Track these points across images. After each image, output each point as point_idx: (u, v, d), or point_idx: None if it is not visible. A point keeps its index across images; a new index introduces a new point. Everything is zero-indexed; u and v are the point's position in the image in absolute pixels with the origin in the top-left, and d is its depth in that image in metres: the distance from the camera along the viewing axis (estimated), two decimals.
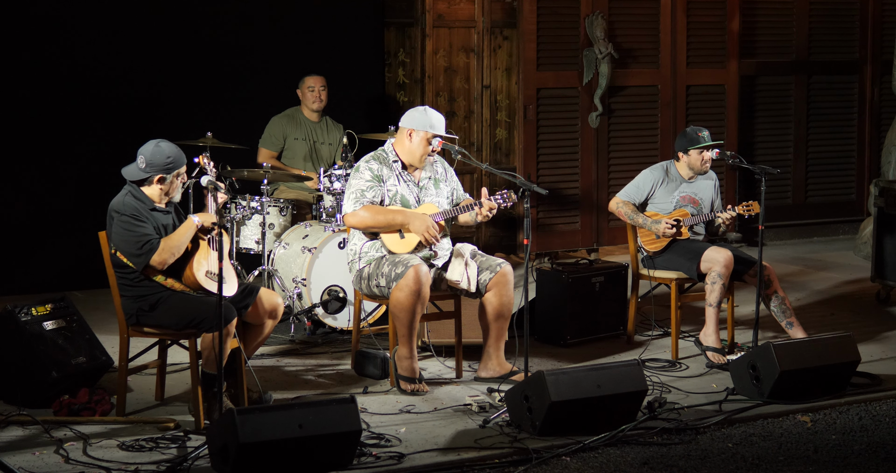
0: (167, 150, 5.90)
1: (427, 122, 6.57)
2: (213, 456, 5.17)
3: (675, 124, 10.38)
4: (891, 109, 11.16)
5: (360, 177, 6.57)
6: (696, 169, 7.31)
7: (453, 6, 9.80)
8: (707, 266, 7.06)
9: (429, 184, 6.69)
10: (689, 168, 7.31)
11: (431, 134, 6.56)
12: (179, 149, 5.97)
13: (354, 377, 6.75)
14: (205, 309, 5.75)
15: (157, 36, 8.82)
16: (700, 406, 6.20)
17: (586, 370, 5.85)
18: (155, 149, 5.89)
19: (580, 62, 10.01)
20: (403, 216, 6.48)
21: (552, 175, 10.01)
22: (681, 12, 10.33)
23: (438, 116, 6.63)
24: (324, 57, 9.21)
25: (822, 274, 9.68)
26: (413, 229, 6.47)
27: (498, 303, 6.54)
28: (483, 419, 5.92)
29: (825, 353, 6.36)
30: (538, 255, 9.96)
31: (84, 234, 7.39)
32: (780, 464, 5.48)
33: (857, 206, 11.40)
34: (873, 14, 11.28)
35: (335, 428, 5.20)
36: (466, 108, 9.93)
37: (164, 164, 5.88)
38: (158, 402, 6.24)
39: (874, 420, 6.12)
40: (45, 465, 5.29)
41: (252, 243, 7.81)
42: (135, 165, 5.91)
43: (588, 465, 5.43)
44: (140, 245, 5.77)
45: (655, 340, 7.58)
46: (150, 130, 8.57)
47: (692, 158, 7.28)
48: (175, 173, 5.93)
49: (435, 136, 6.56)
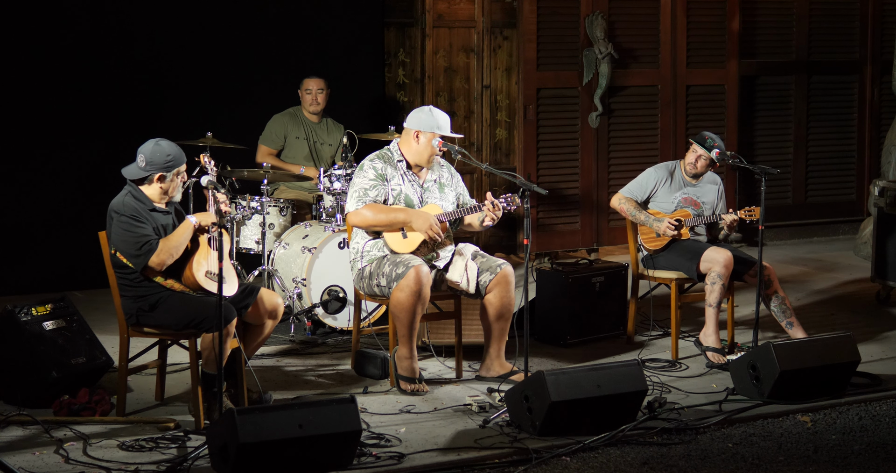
0: (167, 148, 5.89)
1: (434, 123, 6.56)
2: (213, 456, 5.17)
3: (675, 124, 10.38)
4: (891, 109, 11.16)
5: (364, 176, 6.56)
6: (686, 161, 7.32)
7: (453, 6, 9.80)
8: (707, 266, 7.06)
9: (433, 187, 6.68)
10: (686, 164, 7.33)
11: (439, 135, 6.56)
12: (179, 148, 5.96)
13: (354, 377, 6.75)
14: (205, 309, 5.75)
15: (157, 36, 8.82)
16: (700, 406, 6.20)
17: (586, 370, 5.85)
18: (155, 147, 5.88)
19: (580, 62, 10.01)
20: (406, 215, 6.47)
21: (552, 175, 10.01)
22: (681, 12, 10.33)
23: (444, 116, 6.62)
24: (324, 57, 9.21)
25: (821, 274, 9.68)
26: (416, 226, 6.46)
27: (499, 304, 6.54)
28: (483, 419, 5.92)
29: (825, 353, 6.36)
30: (538, 255, 9.96)
31: (84, 234, 7.39)
32: (780, 464, 5.48)
33: (857, 206, 11.39)
34: (873, 14, 11.27)
35: (335, 428, 5.20)
36: (466, 108, 9.93)
37: (164, 162, 5.87)
38: (158, 402, 6.24)
39: (874, 420, 6.12)
40: (45, 465, 5.29)
41: (252, 243, 7.81)
42: (135, 165, 5.91)
43: (588, 465, 5.43)
44: (139, 246, 5.77)
45: (655, 340, 7.58)
46: (150, 129, 8.56)
47: (688, 154, 7.31)
48: (175, 172, 5.92)
49: (443, 137, 6.56)
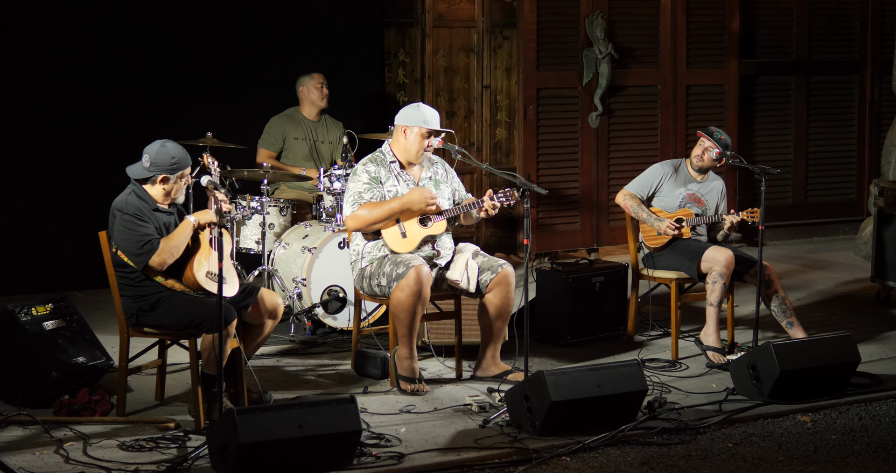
0: (172, 150, 5.89)
1: (420, 117, 6.58)
2: (213, 456, 5.17)
3: (675, 124, 10.38)
4: (891, 109, 11.15)
5: (358, 180, 6.57)
6: (693, 154, 7.33)
7: (453, 6, 9.80)
8: (708, 266, 7.06)
9: (428, 184, 6.69)
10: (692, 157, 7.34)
11: (426, 129, 6.57)
12: (185, 151, 5.95)
13: (354, 377, 6.75)
14: (205, 310, 5.74)
15: (157, 35, 8.81)
16: (700, 406, 6.20)
17: (586, 370, 5.85)
18: (160, 149, 5.88)
19: (580, 62, 10.01)
20: (399, 201, 6.48)
21: (552, 175, 10.01)
22: (681, 12, 10.32)
23: (432, 111, 6.63)
24: (324, 57, 9.20)
25: (822, 274, 9.67)
26: (413, 206, 6.46)
27: (499, 304, 6.55)
28: (483, 419, 5.92)
29: (825, 353, 6.36)
30: (538, 255, 9.95)
31: (84, 234, 7.39)
32: (780, 464, 5.48)
33: (857, 206, 11.39)
34: (873, 14, 11.27)
35: (335, 428, 5.20)
36: (466, 108, 9.93)
37: (168, 164, 5.87)
38: (158, 402, 6.24)
39: (874, 420, 6.12)
40: (45, 465, 5.29)
41: (252, 243, 7.81)
42: (139, 164, 5.90)
43: (588, 465, 5.43)
44: (141, 245, 5.76)
45: (655, 340, 7.58)
46: (151, 129, 8.58)
47: (695, 147, 7.31)
48: (178, 175, 5.92)
49: (429, 131, 6.57)
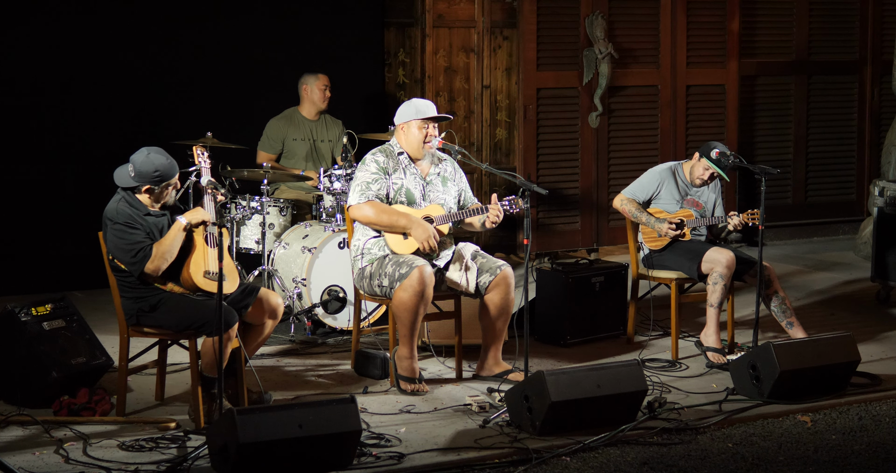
0: (156, 162, 5.77)
1: (413, 111, 6.60)
2: (213, 456, 5.17)
3: (675, 124, 10.38)
4: (891, 109, 11.15)
5: (367, 169, 6.57)
6: (694, 175, 7.30)
7: (453, 6, 9.80)
8: (709, 267, 7.06)
9: (436, 180, 6.69)
10: (691, 171, 7.30)
11: (420, 119, 6.57)
12: (171, 160, 5.84)
13: (354, 377, 6.75)
14: (206, 313, 5.72)
15: (157, 36, 8.81)
16: (700, 406, 6.20)
17: (586, 370, 5.85)
18: (144, 160, 5.77)
19: (580, 62, 10.01)
20: (407, 220, 6.47)
21: (552, 175, 10.00)
22: (681, 12, 10.32)
23: (424, 101, 6.65)
24: (324, 57, 9.20)
25: (822, 274, 9.67)
26: (414, 235, 6.46)
27: (499, 304, 6.55)
28: (483, 419, 5.92)
29: (825, 353, 6.36)
30: (538, 255, 9.95)
31: (84, 234, 7.38)
32: (780, 464, 5.48)
33: (857, 206, 11.38)
34: (873, 14, 11.27)
35: (335, 428, 5.20)
36: (466, 108, 9.93)
37: (151, 177, 5.78)
38: (158, 402, 6.24)
39: (874, 420, 6.12)
40: (45, 465, 5.29)
41: (252, 243, 7.81)
42: (126, 172, 5.83)
43: (588, 465, 5.43)
44: (133, 253, 5.73)
45: (655, 340, 7.58)
46: (151, 129, 8.61)
47: (699, 164, 7.25)
48: (164, 185, 5.84)
49: (423, 119, 6.57)
